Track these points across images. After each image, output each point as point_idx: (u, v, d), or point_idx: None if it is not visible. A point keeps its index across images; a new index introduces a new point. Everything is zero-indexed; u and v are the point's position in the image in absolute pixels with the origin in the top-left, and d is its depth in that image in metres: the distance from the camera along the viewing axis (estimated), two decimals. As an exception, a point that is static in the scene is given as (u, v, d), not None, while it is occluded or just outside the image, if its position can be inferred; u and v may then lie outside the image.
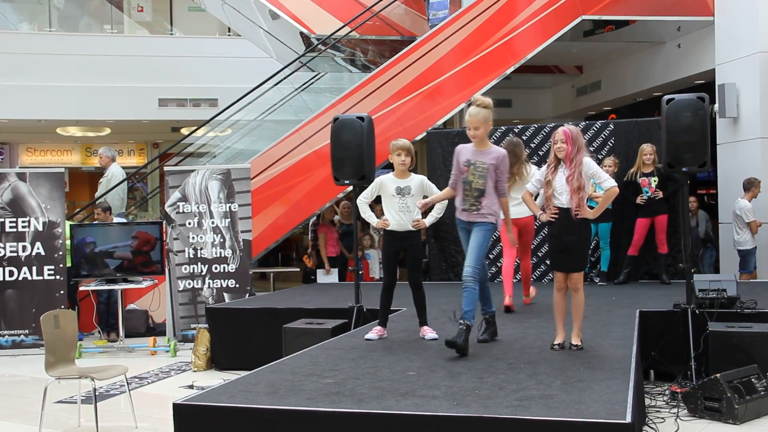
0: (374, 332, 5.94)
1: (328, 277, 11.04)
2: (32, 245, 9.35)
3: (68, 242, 9.42)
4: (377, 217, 6.09)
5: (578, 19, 11.43)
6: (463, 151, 5.50)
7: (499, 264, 9.69)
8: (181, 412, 4.01)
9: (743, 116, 10.59)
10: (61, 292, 9.32)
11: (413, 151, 6.07)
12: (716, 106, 10.61)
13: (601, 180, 5.36)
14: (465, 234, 5.47)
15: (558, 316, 5.38)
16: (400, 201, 5.90)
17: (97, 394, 5.68)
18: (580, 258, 5.39)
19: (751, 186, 9.82)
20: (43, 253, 9.35)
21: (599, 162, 9.24)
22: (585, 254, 5.52)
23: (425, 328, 5.97)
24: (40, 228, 9.39)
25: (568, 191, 5.24)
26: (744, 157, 10.53)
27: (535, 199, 5.68)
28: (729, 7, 11.09)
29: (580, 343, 5.25)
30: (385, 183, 5.96)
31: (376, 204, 6.31)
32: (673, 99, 6.64)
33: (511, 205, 6.02)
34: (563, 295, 5.36)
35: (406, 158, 5.90)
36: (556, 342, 5.31)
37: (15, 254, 9.30)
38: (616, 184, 5.45)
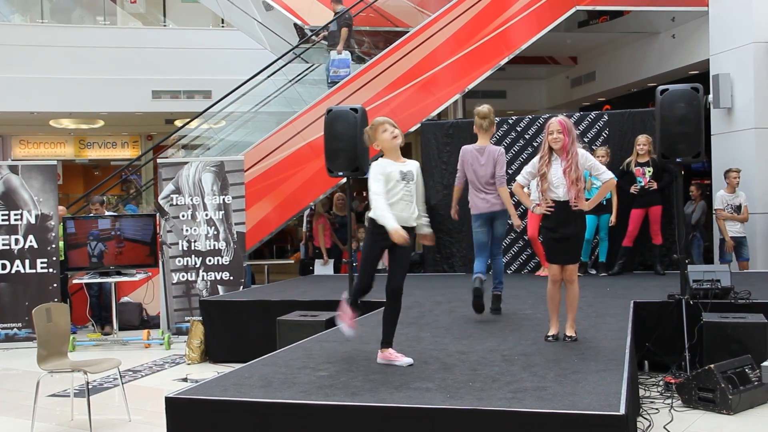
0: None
1: (324, 268, 11.03)
2: (25, 238, 9.30)
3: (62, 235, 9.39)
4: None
5: (572, 10, 11.41)
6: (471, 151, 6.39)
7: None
8: (173, 405, 4.00)
9: (737, 107, 10.58)
10: (54, 285, 9.29)
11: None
12: (710, 96, 10.60)
13: (599, 172, 5.29)
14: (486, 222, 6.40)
15: (552, 307, 5.37)
16: (405, 188, 4.72)
17: (90, 387, 5.67)
18: (577, 250, 5.42)
19: (725, 177, 9.86)
20: (36, 246, 9.31)
21: (592, 152, 9.24)
22: (581, 246, 5.58)
23: (392, 351, 4.74)
24: (33, 221, 9.34)
25: (565, 184, 5.18)
26: (738, 148, 10.52)
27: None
28: (723, -3, 11.07)
29: (574, 335, 5.25)
30: (387, 167, 4.70)
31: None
32: (667, 89, 6.62)
33: None
34: (558, 287, 5.34)
35: (396, 131, 4.80)
36: (550, 333, 5.31)
37: (7, 247, 9.25)
38: (613, 176, 5.42)
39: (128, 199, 12.46)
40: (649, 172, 8.75)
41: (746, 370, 5.61)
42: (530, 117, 10.03)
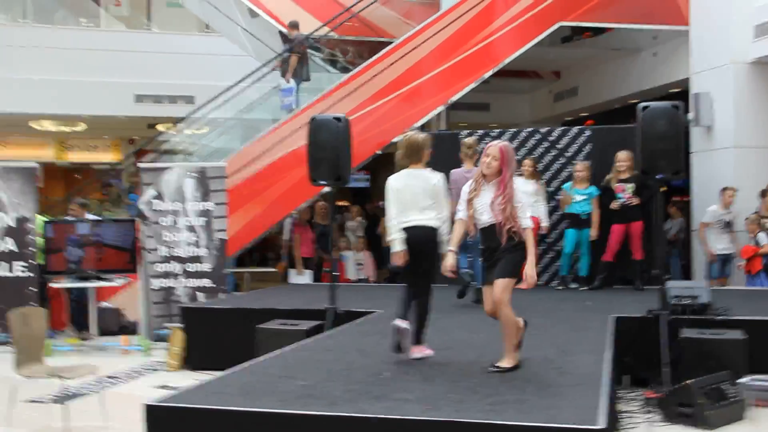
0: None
1: (300, 278, 10.98)
2: (3, 241, 9.21)
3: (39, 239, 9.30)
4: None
5: (556, 25, 11.51)
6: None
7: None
8: (152, 413, 3.97)
9: (717, 125, 10.70)
10: (32, 288, 9.19)
11: None
12: (691, 114, 10.72)
13: (523, 216, 4.79)
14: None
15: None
16: None
17: (68, 393, 5.61)
18: (503, 266, 4.79)
19: (720, 194, 9.96)
20: (15, 250, 9.21)
21: (572, 167, 9.32)
22: (509, 263, 4.82)
23: (422, 347, 5.18)
24: (12, 224, 9.25)
25: (489, 212, 4.74)
26: (717, 166, 10.64)
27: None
28: (704, 17, 11.20)
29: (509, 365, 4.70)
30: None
31: (352, 206, 6.22)
32: (648, 107, 6.69)
33: None
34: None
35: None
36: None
37: (-15, 250, 9.16)
38: (531, 225, 4.89)
39: (130, 189, 12.39)
40: (630, 188, 8.82)
41: (723, 386, 5.66)
42: (513, 130, 10.09)
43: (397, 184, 5.15)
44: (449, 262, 4.88)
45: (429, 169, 5.28)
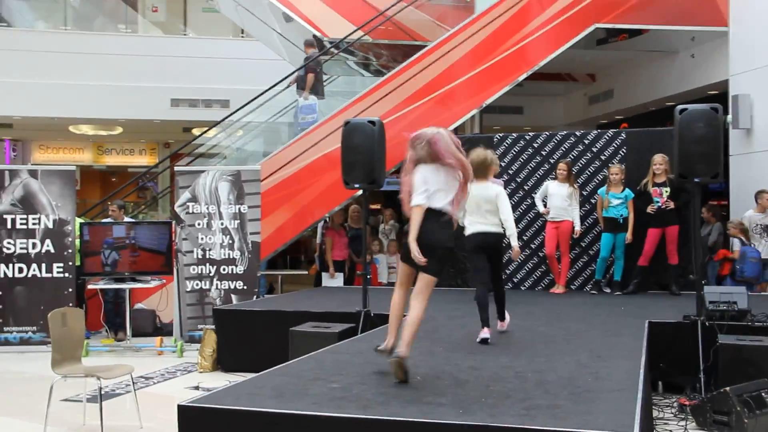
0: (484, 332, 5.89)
1: (333, 281, 11.02)
2: (42, 242, 9.37)
3: (77, 240, 9.44)
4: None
5: (592, 27, 11.39)
6: None
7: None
8: (185, 413, 4.00)
9: (756, 127, 10.53)
10: (70, 290, 9.34)
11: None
12: (729, 117, 10.55)
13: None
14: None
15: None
16: None
17: (102, 393, 5.68)
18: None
19: (756, 198, 9.78)
20: (52, 251, 9.37)
21: (607, 169, 9.22)
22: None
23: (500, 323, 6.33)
24: (51, 225, 9.41)
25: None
26: (757, 169, 10.46)
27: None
28: (744, 17, 11.04)
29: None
30: None
31: (385, 209, 6.37)
32: (686, 109, 6.60)
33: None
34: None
35: None
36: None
37: (25, 251, 9.32)
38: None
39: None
40: (666, 192, 8.71)
41: (763, 393, 5.54)
42: (547, 134, 10.01)
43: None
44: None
45: (491, 181, 6.32)
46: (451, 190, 4.72)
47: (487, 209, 6.11)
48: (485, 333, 5.85)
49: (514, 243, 6.22)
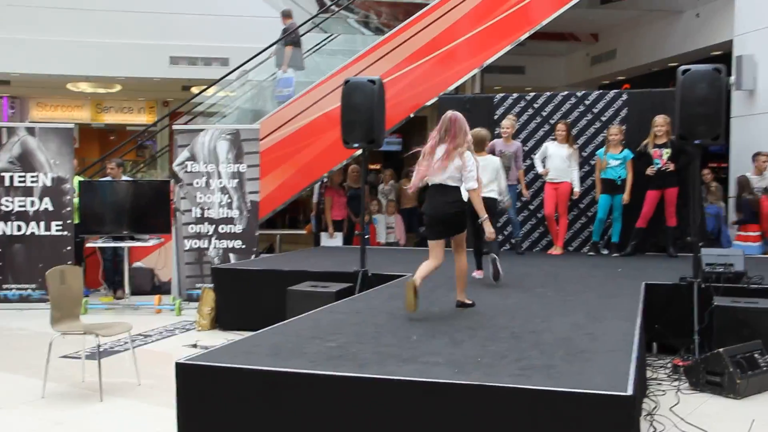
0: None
1: (332, 240, 11.03)
2: (40, 200, 9.36)
3: (76, 199, 9.43)
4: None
5: (596, -14, 11.27)
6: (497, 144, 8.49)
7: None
8: (183, 371, 4.02)
9: (760, 89, 10.44)
10: (68, 248, 9.35)
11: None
12: (732, 78, 10.46)
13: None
14: None
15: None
16: None
17: (101, 350, 5.72)
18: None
19: (753, 160, 9.75)
20: (51, 209, 9.36)
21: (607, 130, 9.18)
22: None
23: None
24: (49, 183, 9.39)
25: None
26: (758, 131, 10.40)
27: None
28: (750, -23, 10.89)
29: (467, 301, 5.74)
30: None
31: (385, 170, 6.37)
32: (689, 70, 6.54)
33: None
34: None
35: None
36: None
37: (23, 209, 9.32)
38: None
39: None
40: (667, 153, 8.66)
41: (756, 355, 5.59)
42: (548, 94, 9.94)
43: None
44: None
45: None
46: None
47: (489, 178, 6.93)
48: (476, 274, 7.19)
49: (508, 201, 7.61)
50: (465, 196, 5.67)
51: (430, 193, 5.56)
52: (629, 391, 3.43)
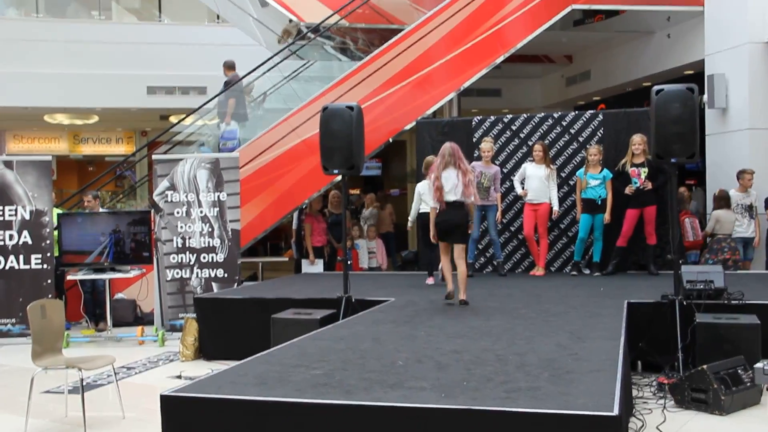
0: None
1: (313, 267, 11.00)
2: (19, 234, 9.28)
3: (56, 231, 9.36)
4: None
5: (568, 9, 11.42)
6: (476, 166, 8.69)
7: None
8: (168, 403, 4.00)
9: (732, 107, 10.62)
10: (49, 281, 9.27)
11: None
12: (705, 96, 10.63)
13: None
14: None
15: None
16: None
17: (84, 384, 5.66)
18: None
19: (738, 177, 9.87)
20: (30, 242, 9.28)
21: (585, 151, 9.28)
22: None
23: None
24: (27, 216, 9.32)
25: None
26: (732, 148, 10.56)
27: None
28: (719, -3, 11.10)
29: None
30: None
31: (365, 195, 6.38)
32: (662, 89, 6.64)
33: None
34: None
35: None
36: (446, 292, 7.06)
37: (2, 243, 9.23)
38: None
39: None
40: (644, 172, 8.76)
41: (739, 371, 5.63)
42: (525, 116, 10.04)
43: (422, 188, 8.33)
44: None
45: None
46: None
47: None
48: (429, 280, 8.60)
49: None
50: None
51: (447, 208, 6.93)
52: (615, 411, 3.45)
